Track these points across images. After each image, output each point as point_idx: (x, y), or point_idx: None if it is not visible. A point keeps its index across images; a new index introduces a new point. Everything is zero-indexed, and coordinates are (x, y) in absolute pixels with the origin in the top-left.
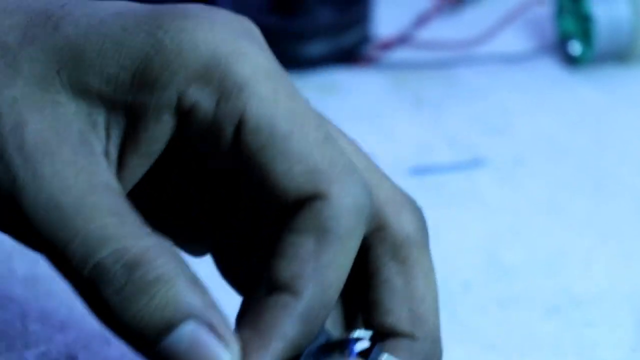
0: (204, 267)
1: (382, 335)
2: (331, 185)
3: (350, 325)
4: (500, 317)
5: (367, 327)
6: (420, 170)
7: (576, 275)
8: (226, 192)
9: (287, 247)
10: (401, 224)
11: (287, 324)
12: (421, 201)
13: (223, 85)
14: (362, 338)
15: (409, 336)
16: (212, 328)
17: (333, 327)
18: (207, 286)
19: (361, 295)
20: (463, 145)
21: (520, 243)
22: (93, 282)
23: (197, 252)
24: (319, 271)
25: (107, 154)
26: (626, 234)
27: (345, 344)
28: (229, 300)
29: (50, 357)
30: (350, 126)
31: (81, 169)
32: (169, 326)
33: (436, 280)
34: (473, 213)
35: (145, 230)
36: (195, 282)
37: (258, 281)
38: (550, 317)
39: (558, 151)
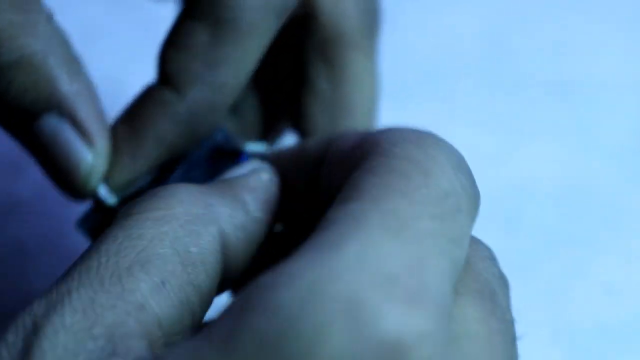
0: None
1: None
2: None
3: (270, 125)
4: (500, 97)
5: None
6: None
7: (583, 60)
8: None
9: (181, 34)
10: (336, 15)
11: (165, 125)
12: None
13: None
14: (255, 151)
15: None
16: (75, 122)
17: (250, 127)
18: (88, 75)
19: (285, 95)
20: None
21: (527, 26)
22: None
23: None
24: (210, 68)
25: None
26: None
27: (236, 156)
28: None
29: None
30: None
31: None
32: (29, 117)
33: (374, 87)
34: None
35: (17, 1)
36: (69, 64)
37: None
38: (552, 100)
39: None
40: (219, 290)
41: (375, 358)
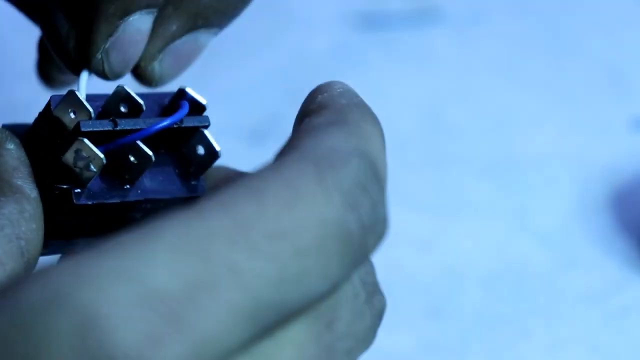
0: None
1: None
2: None
3: None
4: (434, 176)
5: None
6: (371, 22)
7: (519, 138)
8: None
9: None
10: None
11: None
12: (370, 57)
13: None
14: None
15: None
16: None
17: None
18: None
19: None
20: None
21: (466, 102)
22: None
23: None
24: None
25: None
26: (579, 100)
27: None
28: None
29: None
30: None
31: None
32: None
33: None
34: (422, 70)
35: None
36: None
37: None
38: (488, 180)
39: (519, 9)
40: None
41: None
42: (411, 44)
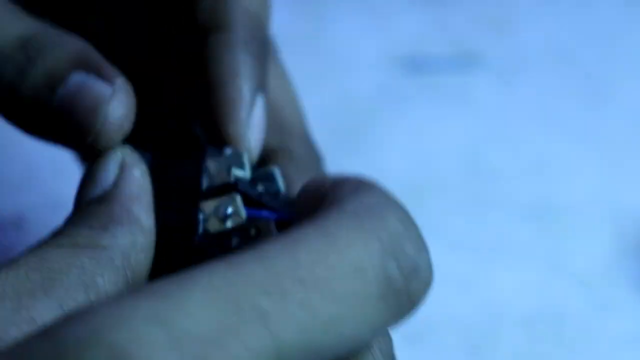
0: None
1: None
2: None
3: None
4: (475, 218)
5: None
6: (416, 66)
7: (560, 184)
8: None
9: None
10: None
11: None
12: (414, 100)
13: None
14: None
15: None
16: (99, 72)
17: None
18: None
19: None
20: (462, 40)
21: (507, 147)
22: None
23: None
24: None
25: None
26: (618, 147)
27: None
28: None
29: None
30: (343, 11)
31: None
32: (57, 81)
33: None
34: (464, 114)
35: (27, 18)
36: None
37: None
38: (527, 223)
39: (559, 57)
40: None
41: None
42: (454, 89)
